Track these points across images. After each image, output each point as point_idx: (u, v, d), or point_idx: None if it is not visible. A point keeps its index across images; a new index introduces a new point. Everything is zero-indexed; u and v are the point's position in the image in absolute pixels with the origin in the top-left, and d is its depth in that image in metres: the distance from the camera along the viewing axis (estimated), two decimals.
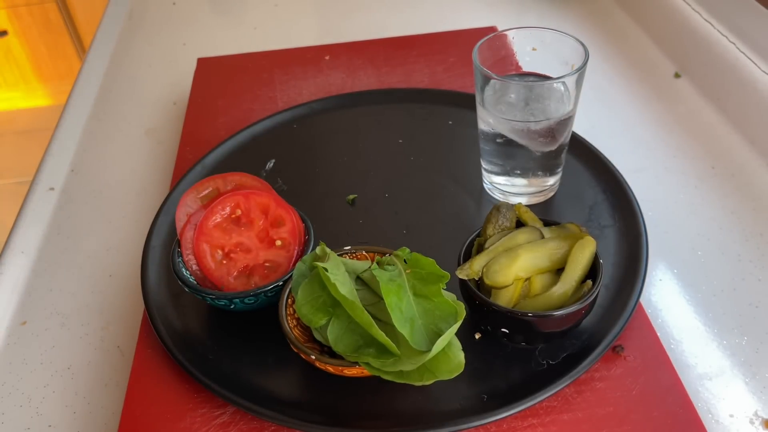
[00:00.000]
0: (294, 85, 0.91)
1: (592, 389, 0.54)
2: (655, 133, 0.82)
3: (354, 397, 0.54)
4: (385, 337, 0.49)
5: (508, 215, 0.61)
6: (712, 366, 0.57)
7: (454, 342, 0.50)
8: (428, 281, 0.52)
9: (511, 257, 0.56)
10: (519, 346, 0.57)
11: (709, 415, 0.54)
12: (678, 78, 0.90)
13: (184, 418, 0.55)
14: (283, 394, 0.55)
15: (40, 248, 0.75)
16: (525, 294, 0.56)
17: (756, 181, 0.74)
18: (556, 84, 0.63)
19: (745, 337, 0.59)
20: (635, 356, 0.56)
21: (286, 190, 0.75)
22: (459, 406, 0.53)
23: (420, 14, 1.11)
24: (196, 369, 0.56)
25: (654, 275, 0.65)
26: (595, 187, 0.71)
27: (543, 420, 0.53)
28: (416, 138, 0.80)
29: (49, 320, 0.67)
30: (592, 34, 1.01)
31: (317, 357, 0.52)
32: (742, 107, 0.80)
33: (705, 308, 0.62)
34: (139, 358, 0.59)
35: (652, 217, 0.69)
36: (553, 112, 0.64)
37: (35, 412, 0.59)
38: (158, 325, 0.60)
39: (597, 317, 0.58)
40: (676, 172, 0.76)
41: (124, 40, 1.13)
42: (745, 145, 0.78)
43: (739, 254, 0.66)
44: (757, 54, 0.79)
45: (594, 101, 0.86)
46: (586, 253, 0.56)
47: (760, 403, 0.54)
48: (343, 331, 0.52)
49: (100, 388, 0.60)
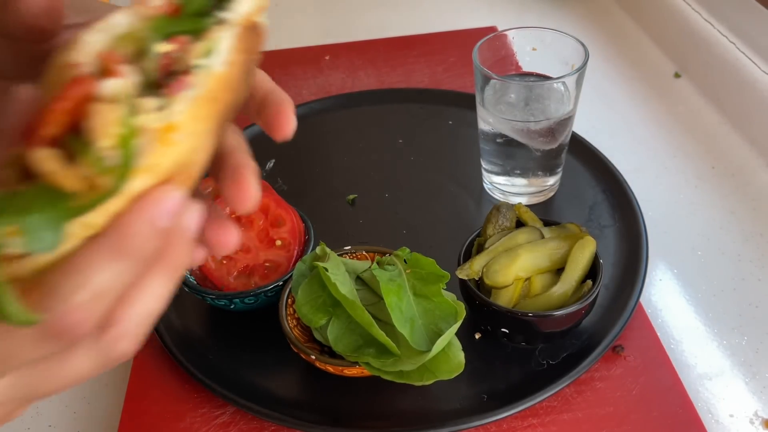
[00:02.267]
0: (294, 85, 0.91)
1: (592, 389, 0.54)
2: (655, 132, 0.82)
3: (354, 397, 0.54)
4: (385, 336, 0.49)
5: (508, 215, 0.61)
6: (712, 366, 0.57)
7: (454, 342, 0.50)
8: (428, 281, 0.53)
9: (511, 257, 0.56)
10: (519, 346, 0.57)
11: (709, 415, 0.54)
12: (678, 78, 0.90)
13: (184, 417, 0.55)
14: (283, 394, 0.55)
15: None
16: (525, 294, 0.56)
17: (756, 180, 0.74)
18: (556, 84, 0.63)
19: (745, 337, 0.59)
20: (635, 356, 0.56)
21: (286, 190, 0.74)
22: (459, 406, 0.53)
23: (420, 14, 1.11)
24: (196, 369, 0.56)
25: (654, 275, 0.65)
26: (595, 187, 0.71)
27: (543, 420, 0.53)
28: (416, 138, 0.80)
29: None
30: (592, 34, 1.01)
31: (317, 357, 0.52)
32: (742, 107, 0.80)
33: (705, 308, 0.62)
34: (139, 358, 0.59)
35: (652, 216, 0.69)
36: (553, 112, 0.64)
37: (35, 412, 0.59)
38: (158, 325, 0.60)
39: (597, 317, 0.58)
40: (676, 172, 0.76)
41: None
42: (745, 145, 0.78)
43: (739, 254, 0.66)
44: (758, 54, 0.79)
45: (594, 101, 0.86)
46: (586, 253, 0.56)
47: (760, 403, 0.54)
48: (343, 331, 0.52)
49: (100, 388, 0.60)
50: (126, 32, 0.28)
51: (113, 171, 0.24)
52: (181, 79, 0.27)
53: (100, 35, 0.27)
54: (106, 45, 0.27)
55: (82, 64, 0.26)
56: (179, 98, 0.27)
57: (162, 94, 0.27)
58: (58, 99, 0.25)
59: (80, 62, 0.26)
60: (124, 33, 0.28)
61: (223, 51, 0.28)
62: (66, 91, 0.25)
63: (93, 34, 0.27)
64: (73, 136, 0.25)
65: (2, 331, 0.25)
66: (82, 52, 0.26)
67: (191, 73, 0.27)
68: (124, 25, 0.28)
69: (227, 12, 0.28)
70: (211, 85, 0.28)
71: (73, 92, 0.25)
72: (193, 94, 0.27)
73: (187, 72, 0.27)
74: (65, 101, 0.25)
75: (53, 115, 0.25)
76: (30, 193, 0.24)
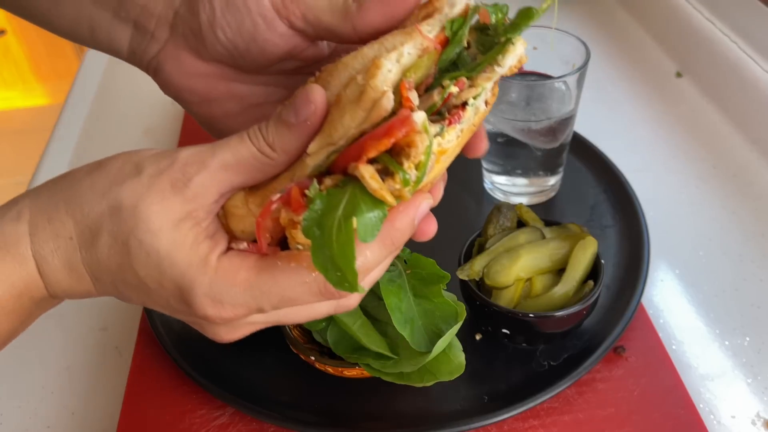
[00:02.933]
0: None
1: (593, 390, 0.54)
2: (656, 132, 0.82)
3: (354, 399, 0.54)
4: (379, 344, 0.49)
5: (509, 215, 0.60)
6: (714, 367, 0.57)
7: (454, 343, 0.50)
8: (428, 282, 0.52)
9: (512, 257, 0.56)
10: (520, 346, 0.57)
11: (710, 416, 0.54)
12: (680, 77, 0.90)
13: (183, 419, 0.54)
14: (283, 395, 0.55)
15: None
16: (526, 294, 0.56)
17: (757, 181, 0.73)
18: (558, 83, 0.63)
19: (747, 337, 0.59)
20: (637, 357, 0.56)
21: None
22: (459, 407, 0.53)
23: None
24: (194, 370, 0.56)
25: (655, 276, 0.65)
26: (596, 186, 0.71)
27: (544, 421, 0.52)
28: None
29: (47, 321, 0.66)
30: (594, 33, 1.01)
31: (317, 358, 0.52)
32: (744, 107, 0.79)
33: (707, 309, 0.61)
34: (137, 358, 0.59)
35: (654, 217, 0.68)
36: (555, 111, 0.63)
37: (33, 413, 0.58)
38: (157, 325, 0.59)
39: (598, 318, 0.58)
40: (677, 172, 0.76)
41: None
42: (746, 145, 0.78)
43: (740, 254, 0.66)
44: (759, 53, 0.79)
45: (595, 101, 0.86)
46: (587, 253, 0.56)
47: (761, 404, 0.54)
48: (343, 334, 0.52)
49: (99, 389, 0.60)
50: (413, 64, 0.35)
51: (411, 184, 0.33)
52: (459, 114, 0.35)
53: (394, 65, 0.34)
54: (399, 74, 0.34)
55: (386, 93, 0.33)
56: (453, 128, 0.35)
57: (439, 121, 0.35)
58: (384, 134, 0.32)
59: (385, 90, 0.33)
60: (411, 64, 0.35)
61: (488, 92, 0.36)
62: (393, 129, 0.32)
63: (388, 63, 0.34)
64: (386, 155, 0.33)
65: (295, 284, 0.35)
66: (384, 81, 0.33)
67: (465, 109, 0.35)
68: (412, 57, 0.35)
69: (499, 66, 0.36)
70: (475, 120, 0.36)
71: (399, 130, 0.32)
72: (462, 126, 0.36)
73: (463, 108, 0.36)
74: (391, 137, 0.32)
75: (380, 145, 0.32)
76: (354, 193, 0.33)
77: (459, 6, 0.37)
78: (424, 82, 0.36)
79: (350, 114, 0.34)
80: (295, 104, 0.35)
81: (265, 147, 0.36)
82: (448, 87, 0.35)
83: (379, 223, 0.33)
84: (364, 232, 0.32)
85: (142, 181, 0.35)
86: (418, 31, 0.35)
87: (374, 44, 0.37)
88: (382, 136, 0.32)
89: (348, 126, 0.34)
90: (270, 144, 0.36)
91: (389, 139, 0.32)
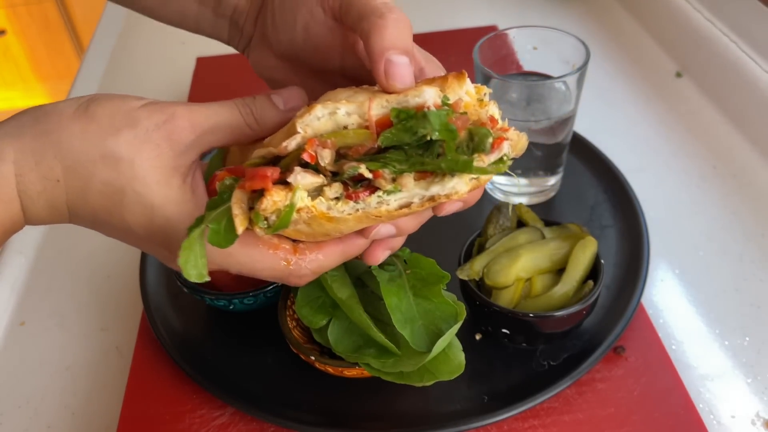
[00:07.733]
0: None
1: (593, 390, 0.54)
2: (656, 132, 0.82)
3: (354, 398, 0.54)
4: (383, 338, 0.49)
5: (509, 215, 0.60)
6: (714, 367, 0.57)
7: (454, 343, 0.50)
8: (428, 282, 0.52)
9: (512, 257, 0.56)
10: (520, 346, 0.57)
11: (710, 416, 0.54)
12: (679, 77, 0.90)
13: (183, 419, 0.54)
14: (283, 395, 0.55)
15: (38, 249, 0.75)
16: (526, 294, 0.56)
17: (757, 181, 0.73)
18: (557, 83, 0.63)
19: (747, 337, 0.59)
20: (637, 357, 0.56)
21: None
22: (459, 407, 0.53)
23: (420, 14, 1.11)
24: (194, 370, 0.56)
25: (655, 275, 0.65)
26: (596, 186, 0.71)
27: (544, 421, 0.52)
28: None
29: (47, 321, 0.67)
30: (594, 33, 1.01)
31: (317, 358, 0.52)
32: (744, 107, 0.79)
33: (707, 309, 0.62)
34: (137, 358, 0.59)
35: (654, 217, 0.68)
36: (554, 111, 0.63)
37: (34, 413, 0.58)
38: (157, 325, 0.60)
39: (598, 318, 0.58)
40: (677, 171, 0.76)
41: (123, 39, 1.12)
42: (746, 145, 0.78)
43: (740, 254, 0.66)
44: (759, 53, 0.79)
45: (595, 101, 0.86)
46: (587, 253, 0.56)
47: (761, 404, 0.54)
48: (344, 332, 0.52)
49: (99, 389, 0.60)
50: (348, 127, 0.37)
51: (264, 228, 0.36)
52: (360, 195, 0.37)
53: (325, 116, 0.37)
54: (324, 130, 0.37)
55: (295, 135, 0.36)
56: (347, 202, 0.37)
57: (343, 190, 0.37)
58: (250, 176, 0.35)
59: (298, 132, 0.36)
60: (347, 127, 0.37)
61: (402, 198, 0.37)
62: (255, 177, 0.35)
63: (319, 111, 0.36)
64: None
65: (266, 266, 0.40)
66: (305, 126, 0.37)
67: (372, 194, 0.37)
68: (350, 119, 0.37)
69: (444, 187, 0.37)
70: (380, 212, 0.37)
71: (257, 181, 0.35)
72: (361, 207, 0.37)
73: (370, 191, 0.37)
74: (253, 182, 0.35)
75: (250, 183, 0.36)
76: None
77: (417, 101, 0.37)
78: (357, 148, 0.37)
79: (281, 135, 0.38)
80: (286, 95, 0.42)
81: (252, 120, 0.41)
82: (357, 168, 0.36)
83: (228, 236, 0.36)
84: (211, 236, 0.36)
85: (138, 135, 0.38)
86: (368, 104, 0.37)
87: (367, 90, 0.39)
88: (250, 177, 0.36)
89: (273, 142, 0.38)
90: (257, 118, 0.41)
91: (252, 182, 0.35)
